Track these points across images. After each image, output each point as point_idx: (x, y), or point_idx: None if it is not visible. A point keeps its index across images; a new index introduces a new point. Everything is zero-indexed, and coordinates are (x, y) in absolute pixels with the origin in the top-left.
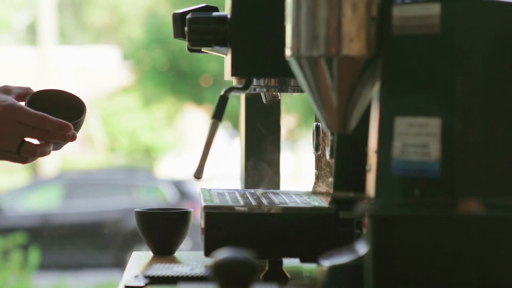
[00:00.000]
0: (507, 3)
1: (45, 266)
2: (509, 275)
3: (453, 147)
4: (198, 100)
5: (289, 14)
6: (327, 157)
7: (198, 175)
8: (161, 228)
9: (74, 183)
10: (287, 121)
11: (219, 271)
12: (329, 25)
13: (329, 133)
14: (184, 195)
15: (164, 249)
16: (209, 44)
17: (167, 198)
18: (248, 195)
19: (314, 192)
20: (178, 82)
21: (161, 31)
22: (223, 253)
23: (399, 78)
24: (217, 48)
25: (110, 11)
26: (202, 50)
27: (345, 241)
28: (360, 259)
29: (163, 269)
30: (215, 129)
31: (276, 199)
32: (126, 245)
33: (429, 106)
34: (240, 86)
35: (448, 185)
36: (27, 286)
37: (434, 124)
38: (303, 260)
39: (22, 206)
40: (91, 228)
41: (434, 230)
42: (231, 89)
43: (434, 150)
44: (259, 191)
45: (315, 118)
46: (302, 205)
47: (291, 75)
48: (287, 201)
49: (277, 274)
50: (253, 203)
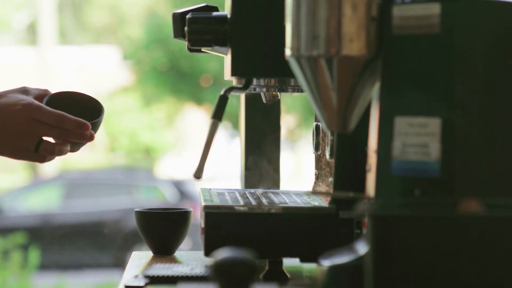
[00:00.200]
0: (507, 3)
1: (45, 266)
2: (509, 275)
3: (453, 147)
4: (198, 100)
5: (289, 14)
6: (327, 157)
7: (198, 175)
8: (161, 228)
9: (74, 183)
10: (287, 121)
11: (219, 271)
12: (329, 25)
13: (329, 133)
14: (184, 195)
15: (164, 249)
16: (209, 44)
17: (167, 198)
18: (248, 195)
19: (314, 192)
20: (178, 82)
21: (161, 31)
22: (223, 253)
23: (399, 78)
24: (217, 48)
25: (110, 11)
26: (202, 50)
27: (345, 241)
28: (360, 259)
29: (163, 269)
30: (215, 129)
31: (276, 199)
32: (126, 245)
33: (429, 106)
34: (240, 86)
35: (448, 185)
36: (27, 286)
37: (434, 124)
38: (303, 260)
39: (22, 206)
40: (91, 228)
41: (434, 230)
42: (231, 89)
43: (434, 150)
44: (259, 191)
45: (315, 118)
46: (302, 205)
47: (291, 75)
48: (287, 201)
49: (277, 274)
50: (253, 203)
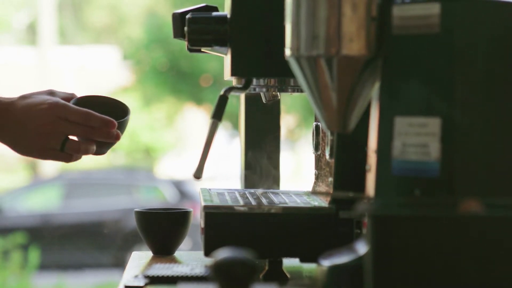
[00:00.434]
0: (507, 3)
1: (45, 266)
2: (509, 275)
3: (453, 147)
4: (198, 100)
5: (289, 14)
6: (327, 157)
7: (198, 175)
8: (161, 228)
9: (74, 183)
10: (287, 121)
11: (219, 271)
12: (329, 25)
13: (329, 133)
14: (184, 195)
15: (164, 249)
16: (208, 44)
17: (167, 198)
18: (248, 195)
19: (314, 192)
20: (178, 82)
21: (161, 31)
22: (223, 253)
23: (399, 78)
24: (216, 48)
25: (110, 11)
26: (202, 50)
27: (345, 241)
28: (360, 259)
29: (163, 269)
30: (215, 129)
31: (276, 199)
32: (126, 245)
33: (429, 105)
34: (240, 86)
35: (448, 185)
36: (27, 286)
37: (434, 124)
38: (303, 260)
39: (22, 206)
40: (91, 228)
41: (434, 230)
42: (231, 89)
43: (434, 150)
44: (259, 191)
45: (315, 118)
46: (302, 205)
47: (291, 75)
48: (287, 201)
49: (277, 274)
50: (253, 203)
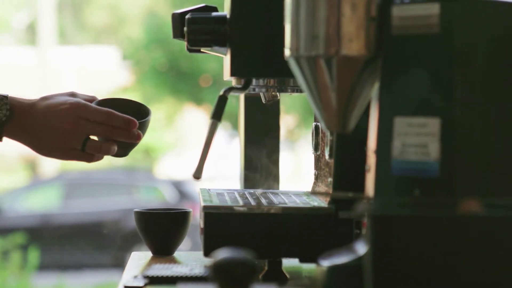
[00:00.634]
0: (506, 3)
1: (44, 266)
2: (509, 275)
3: (452, 147)
4: (198, 100)
5: (288, 14)
6: (327, 157)
7: (198, 175)
8: (161, 228)
9: (73, 183)
10: (286, 121)
11: (218, 271)
12: (328, 25)
13: (328, 133)
14: (183, 195)
15: (163, 249)
16: (208, 44)
17: (167, 198)
18: (247, 195)
19: (314, 192)
20: (177, 82)
21: (160, 31)
22: (222, 253)
23: (399, 78)
24: (216, 48)
25: (110, 11)
26: (202, 50)
27: (345, 241)
28: (360, 259)
29: (162, 269)
30: (214, 129)
31: (275, 199)
32: (125, 245)
33: (429, 106)
34: (239, 86)
35: (447, 185)
36: (26, 286)
37: (433, 124)
38: (302, 260)
39: (21, 206)
40: (90, 228)
41: (433, 230)
42: (231, 89)
43: (434, 150)
44: (259, 191)
45: (315, 118)
46: (302, 205)
47: (290, 75)
48: (287, 201)
49: (276, 274)
50: (253, 203)
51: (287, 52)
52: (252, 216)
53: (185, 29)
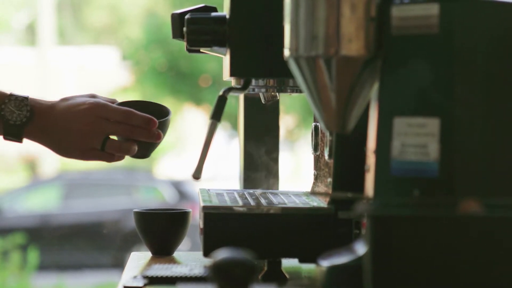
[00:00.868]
0: (506, 3)
1: (44, 267)
2: (509, 275)
3: (452, 147)
4: (197, 100)
5: (287, 14)
6: (326, 157)
7: (197, 175)
8: (160, 229)
9: (73, 183)
10: (286, 121)
11: (218, 272)
12: (328, 25)
13: (328, 133)
14: (183, 195)
15: (163, 250)
16: (207, 45)
17: (166, 198)
18: (247, 195)
19: (313, 193)
20: (177, 83)
21: (160, 31)
22: (222, 254)
23: (398, 79)
24: (215, 48)
25: (109, 11)
26: (201, 51)
27: (344, 242)
28: (359, 259)
29: (162, 270)
30: (214, 130)
31: (274, 200)
32: (125, 245)
33: (428, 106)
34: (239, 86)
35: (447, 185)
36: (26, 286)
37: (433, 124)
38: (302, 261)
39: (21, 206)
40: (90, 229)
41: (433, 230)
42: (230, 89)
43: (433, 150)
44: (258, 191)
45: (314, 118)
46: (301, 205)
47: (290, 75)
48: (286, 201)
49: (276, 274)
50: (252, 203)
51: (286, 52)
52: (252, 216)
53: (184, 29)
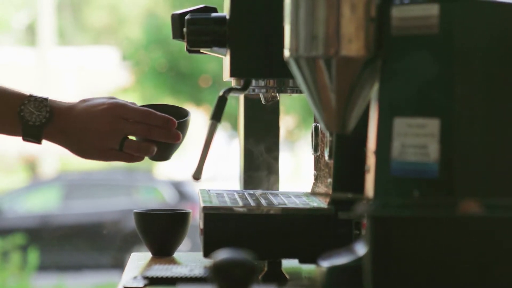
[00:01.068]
0: (506, 3)
1: (44, 267)
2: (509, 275)
3: (452, 147)
4: (197, 101)
5: (287, 14)
6: (326, 157)
7: (197, 176)
8: (160, 229)
9: (73, 184)
10: (286, 122)
11: (218, 272)
12: (327, 25)
13: (328, 134)
14: (183, 196)
15: (163, 250)
16: (207, 45)
17: (166, 199)
18: (247, 196)
19: (313, 193)
20: (177, 83)
21: (160, 31)
22: (222, 254)
23: (398, 79)
24: (216, 49)
25: (109, 11)
26: (201, 51)
27: (344, 242)
28: (359, 260)
29: (162, 270)
30: (214, 130)
31: (275, 200)
32: (125, 246)
33: (428, 106)
34: (239, 87)
35: (447, 186)
36: (26, 287)
37: (433, 124)
38: (302, 261)
39: (21, 207)
40: (90, 229)
41: (433, 231)
42: (230, 90)
43: (433, 150)
44: (258, 192)
45: (314, 118)
46: (301, 205)
47: (290, 76)
48: (286, 202)
49: (276, 275)
50: (252, 204)
51: (286, 52)
52: (252, 217)
53: (184, 29)
